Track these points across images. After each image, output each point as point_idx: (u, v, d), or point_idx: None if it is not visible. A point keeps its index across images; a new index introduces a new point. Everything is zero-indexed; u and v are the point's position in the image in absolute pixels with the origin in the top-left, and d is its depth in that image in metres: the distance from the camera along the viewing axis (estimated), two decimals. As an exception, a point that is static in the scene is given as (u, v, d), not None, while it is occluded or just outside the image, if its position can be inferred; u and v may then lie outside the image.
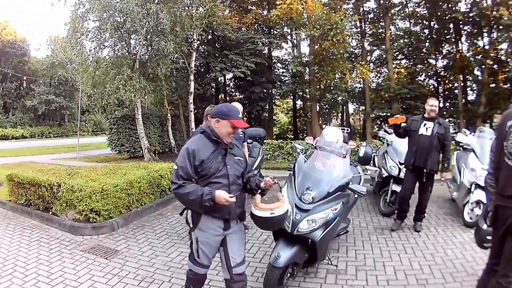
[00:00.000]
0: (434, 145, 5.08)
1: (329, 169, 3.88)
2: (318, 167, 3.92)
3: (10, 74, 36.94)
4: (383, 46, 21.31)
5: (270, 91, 20.82)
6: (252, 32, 19.12)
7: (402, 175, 6.01)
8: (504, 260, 2.62)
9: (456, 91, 22.27)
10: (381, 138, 7.69)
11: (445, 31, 21.62)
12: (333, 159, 4.02)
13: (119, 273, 3.97)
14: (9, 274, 3.89)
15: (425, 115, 5.25)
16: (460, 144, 6.82)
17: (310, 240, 3.46)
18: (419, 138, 5.16)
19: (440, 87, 24.38)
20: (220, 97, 22.15)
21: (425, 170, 5.12)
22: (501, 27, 17.44)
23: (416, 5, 22.20)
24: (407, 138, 5.55)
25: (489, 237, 3.12)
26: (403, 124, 5.38)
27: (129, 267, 4.12)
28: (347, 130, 6.66)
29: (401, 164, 6.04)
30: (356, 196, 4.10)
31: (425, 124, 5.17)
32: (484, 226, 3.09)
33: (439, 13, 20.47)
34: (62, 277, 3.82)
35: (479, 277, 3.38)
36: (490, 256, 2.87)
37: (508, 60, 19.97)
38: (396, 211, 5.63)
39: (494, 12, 16.95)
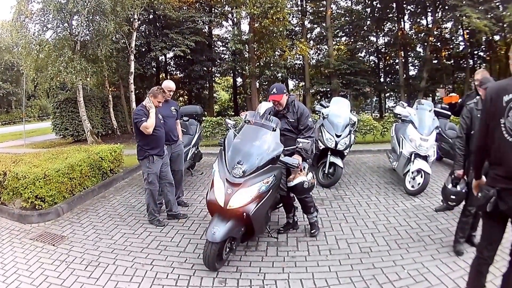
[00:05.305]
0: None
1: (259, 143, 3.81)
2: (248, 140, 3.86)
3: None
4: (324, 24, 21.82)
5: (210, 69, 20.98)
6: (193, 10, 19.01)
7: (339, 147, 6.27)
8: None
9: (397, 67, 23.41)
10: (316, 112, 7.63)
11: (388, 10, 22.48)
12: (263, 132, 3.95)
13: (66, 259, 3.98)
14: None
15: None
16: (398, 116, 6.91)
17: (244, 214, 3.46)
18: None
19: (381, 63, 25.46)
20: (161, 76, 21.96)
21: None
22: (446, 7, 18.42)
23: (359, -15, 22.65)
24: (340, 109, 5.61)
25: (453, 197, 3.46)
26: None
27: (75, 252, 4.14)
28: None
29: (337, 136, 6.28)
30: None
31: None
32: (449, 186, 3.49)
33: (382, -7, 21.02)
34: (15, 267, 3.85)
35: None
36: (484, 244, 2.56)
37: (453, 38, 21.44)
38: None
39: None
